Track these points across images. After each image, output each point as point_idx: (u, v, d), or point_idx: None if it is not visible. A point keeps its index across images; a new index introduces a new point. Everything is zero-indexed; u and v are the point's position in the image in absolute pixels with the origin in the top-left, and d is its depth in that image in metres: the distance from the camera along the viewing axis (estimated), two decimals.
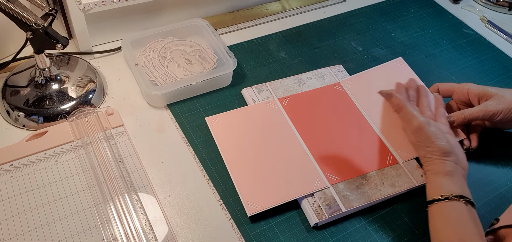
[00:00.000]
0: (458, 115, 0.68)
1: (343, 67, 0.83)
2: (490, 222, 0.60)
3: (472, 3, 1.07)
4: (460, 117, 0.68)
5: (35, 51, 0.66)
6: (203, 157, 0.67)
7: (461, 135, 0.70)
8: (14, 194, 0.59)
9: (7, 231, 0.55)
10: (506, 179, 0.69)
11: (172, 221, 0.59)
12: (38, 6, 0.65)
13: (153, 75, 0.75)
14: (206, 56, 0.80)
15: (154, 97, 0.72)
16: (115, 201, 0.59)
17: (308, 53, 0.87)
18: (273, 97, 0.74)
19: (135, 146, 0.66)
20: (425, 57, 0.89)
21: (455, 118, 0.68)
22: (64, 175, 0.61)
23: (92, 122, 0.68)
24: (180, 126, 0.70)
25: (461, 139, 0.69)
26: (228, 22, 0.91)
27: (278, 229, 0.59)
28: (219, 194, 0.62)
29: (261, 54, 0.85)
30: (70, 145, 0.65)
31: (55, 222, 0.56)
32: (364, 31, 0.94)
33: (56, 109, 0.68)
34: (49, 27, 0.64)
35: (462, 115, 0.68)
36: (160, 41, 0.82)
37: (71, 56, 0.77)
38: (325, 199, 0.62)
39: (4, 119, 0.69)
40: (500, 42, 0.96)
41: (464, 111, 0.68)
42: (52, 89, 0.70)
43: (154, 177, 0.63)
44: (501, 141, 0.74)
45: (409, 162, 0.68)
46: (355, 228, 0.61)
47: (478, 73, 0.87)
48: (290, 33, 0.91)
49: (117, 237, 0.56)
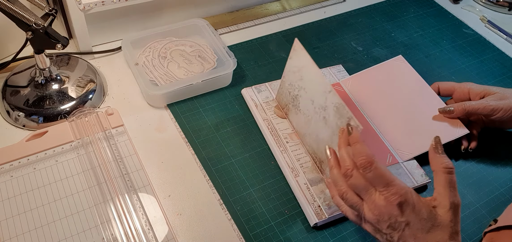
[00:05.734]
0: (457, 106, 0.69)
1: (343, 67, 0.83)
2: (489, 222, 0.60)
3: (472, 3, 1.07)
4: (460, 108, 0.68)
5: (35, 51, 0.66)
6: (203, 157, 0.67)
7: (461, 126, 0.69)
8: (14, 194, 0.59)
9: (7, 231, 0.55)
10: (506, 179, 0.69)
11: (172, 221, 0.59)
12: (38, 6, 0.65)
13: (153, 75, 0.75)
14: (206, 56, 0.80)
15: (154, 97, 0.72)
16: (115, 201, 0.59)
17: (308, 53, 0.87)
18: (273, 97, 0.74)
19: (135, 146, 0.66)
20: (425, 57, 0.89)
21: (454, 109, 0.69)
22: (64, 175, 0.61)
23: (92, 121, 0.68)
24: (180, 126, 0.70)
25: (463, 132, 0.69)
26: (228, 22, 0.91)
27: (278, 229, 0.59)
28: (219, 194, 0.62)
29: (261, 54, 0.85)
30: (70, 145, 0.65)
31: (55, 222, 0.56)
32: (364, 31, 0.94)
33: (56, 109, 0.68)
34: (49, 27, 0.64)
35: (462, 106, 0.68)
36: (160, 41, 0.82)
37: (71, 56, 0.77)
38: (325, 199, 0.62)
39: (4, 119, 0.69)
40: (500, 42, 0.96)
41: (464, 103, 0.69)
42: (52, 89, 0.70)
43: (154, 177, 0.63)
44: (501, 141, 0.74)
45: (409, 161, 0.68)
46: (355, 228, 0.61)
47: (478, 73, 0.87)
48: (290, 33, 0.91)
49: (117, 237, 0.56)
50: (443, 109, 0.71)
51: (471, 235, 0.61)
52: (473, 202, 0.65)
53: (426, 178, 0.66)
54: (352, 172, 0.50)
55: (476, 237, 0.61)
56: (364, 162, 0.49)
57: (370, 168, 0.48)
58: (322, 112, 0.63)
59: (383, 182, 0.48)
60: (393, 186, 0.48)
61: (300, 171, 0.64)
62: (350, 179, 0.50)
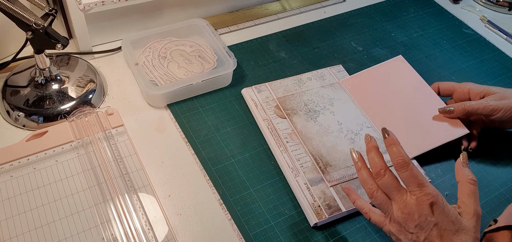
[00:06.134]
0: (457, 106, 0.69)
1: (343, 67, 0.83)
2: (489, 222, 0.60)
3: (472, 3, 1.07)
4: (460, 108, 0.69)
5: (35, 51, 0.66)
6: (203, 157, 0.67)
7: (461, 126, 0.69)
8: (14, 194, 0.59)
9: (7, 231, 0.55)
10: (506, 179, 0.69)
11: (172, 221, 0.59)
12: (38, 6, 0.65)
13: (153, 75, 0.75)
14: (206, 56, 0.80)
15: (154, 97, 0.72)
16: (115, 201, 0.59)
17: (308, 53, 0.87)
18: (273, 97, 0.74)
19: (135, 146, 0.66)
20: (425, 57, 0.89)
21: (454, 109, 0.69)
22: (64, 175, 0.61)
23: (92, 121, 0.68)
24: (180, 126, 0.70)
25: (463, 132, 0.69)
26: (228, 22, 0.91)
27: (278, 229, 0.59)
28: (219, 194, 0.62)
29: (261, 54, 0.85)
30: (70, 145, 0.65)
31: (55, 222, 0.56)
32: (364, 31, 0.94)
33: (56, 109, 0.68)
34: (49, 27, 0.64)
35: (462, 106, 0.69)
36: (160, 41, 0.82)
37: (71, 56, 0.77)
38: (325, 199, 0.62)
39: (4, 119, 0.69)
40: (500, 42, 0.96)
41: (464, 103, 0.69)
42: (52, 89, 0.70)
43: (154, 177, 0.63)
44: (501, 141, 0.74)
45: None
46: (355, 228, 0.61)
47: (478, 73, 0.87)
48: (290, 33, 0.91)
49: (117, 237, 0.56)
50: (443, 109, 0.71)
51: None
52: None
53: (426, 177, 0.66)
54: (386, 172, 0.52)
55: None
56: (401, 161, 0.51)
57: (407, 168, 0.51)
58: (350, 134, 0.70)
59: (416, 183, 0.50)
60: (426, 187, 0.50)
61: (300, 171, 0.65)
62: (382, 178, 0.52)
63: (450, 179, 0.68)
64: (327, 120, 0.72)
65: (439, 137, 0.69)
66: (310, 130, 0.70)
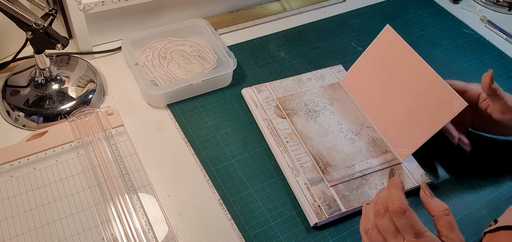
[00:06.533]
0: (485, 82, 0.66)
1: (343, 67, 0.83)
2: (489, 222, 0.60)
3: (472, 3, 1.07)
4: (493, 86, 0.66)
5: (35, 51, 0.66)
6: (203, 157, 0.67)
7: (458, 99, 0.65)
8: (14, 194, 0.59)
9: (7, 231, 0.55)
10: (506, 179, 0.69)
11: (172, 221, 0.59)
12: (38, 6, 0.65)
13: (153, 75, 0.75)
14: (206, 56, 0.80)
15: (154, 97, 0.72)
16: (115, 201, 0.59)
17: (308, 53, 0.87)
18: (272, 97, 0.74)
19: (135, 146, 0.66)
20: (425, 57, 0.89)
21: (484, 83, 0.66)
22: (64, 175, 0.61)
23: (92, 121, 0.68)
24: (180, 126, 0.70)
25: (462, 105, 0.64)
26: (228, 22, 0.91)
27: (278, 229, 0.59)
28: (219, 194, 0.62)
29: (261, 54, 0.85)
30: (70, 145, 0.65)
31: (55, 222, 0.56)
32: (364, 31, 0.94)
33: (56, 109, 0.68)
34: (49, 27, 0.64)
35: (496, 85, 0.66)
36: (160, 41, 0.82)
37: (71, 56, 0.77)
38: (325, 199, 0.62)
39: (4, 119, 0.69)
40: (500, 42, 0.96)
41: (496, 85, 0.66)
42: (52, 89, 0.70)
43: (154, 177, 0.63)
44: (501, 141, 0.74)
45: (409, 162, 0.68)
46: (355, 228, 0.61)
47: (478, 73, 0.87)
48: (290, 33, 0.91)
49: (117, 237, 0.56)
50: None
51: (470, 236, 0.61)
52: (473, 202, 0.65)
53: (426, 178, 0.66)
54: (385, 213, 0.50)
55: (476, 237, 0.61)
56: (397, 208, 0.48)
57: (402, 216, 0.48)
58: (350, 134, 0.70)
59: (413, 232, 0.48)
60: (423, 237, 0.48)
61: (300, 171, 0.65)
62: (380, 219, 0.50)
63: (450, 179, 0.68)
64: (327, 120, 0.72)
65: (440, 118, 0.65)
66: (310, 129, 0.70)
